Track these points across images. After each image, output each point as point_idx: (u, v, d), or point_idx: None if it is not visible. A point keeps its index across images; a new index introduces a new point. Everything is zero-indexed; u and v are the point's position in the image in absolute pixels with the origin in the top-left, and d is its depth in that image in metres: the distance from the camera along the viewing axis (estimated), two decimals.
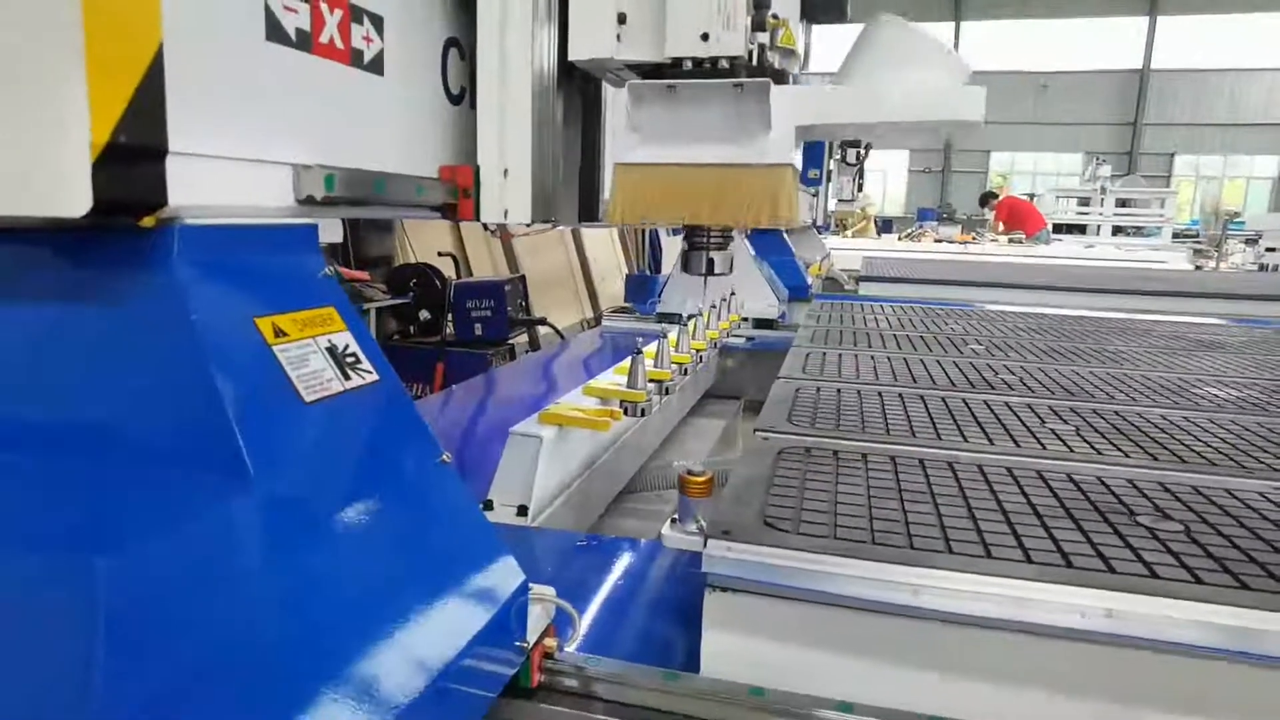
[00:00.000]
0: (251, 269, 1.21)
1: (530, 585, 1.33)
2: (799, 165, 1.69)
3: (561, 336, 7.94)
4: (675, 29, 1.45)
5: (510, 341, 7.88)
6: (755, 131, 1.49)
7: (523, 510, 2.06)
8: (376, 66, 1.47)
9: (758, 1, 1.45)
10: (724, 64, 1.48)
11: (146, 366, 1.07)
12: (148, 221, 1.07)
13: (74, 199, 0.95)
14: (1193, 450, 1.94)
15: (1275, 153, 33.94)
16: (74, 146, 0.94)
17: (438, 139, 1.66)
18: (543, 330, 8.52)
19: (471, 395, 3.53)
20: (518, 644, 1.28)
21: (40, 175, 0.95)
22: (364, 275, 7.77)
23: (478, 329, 7.72)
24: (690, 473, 1.67)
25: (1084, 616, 1.19)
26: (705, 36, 1.43)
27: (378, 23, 1.46)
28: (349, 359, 1.26)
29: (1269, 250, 16.46)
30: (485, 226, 9.18)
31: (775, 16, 1.51)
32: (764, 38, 1.52)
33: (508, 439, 2.15)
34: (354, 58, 1.40)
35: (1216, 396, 2.54)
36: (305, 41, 1.28)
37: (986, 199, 17.90)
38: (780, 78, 1.54)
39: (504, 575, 1.28)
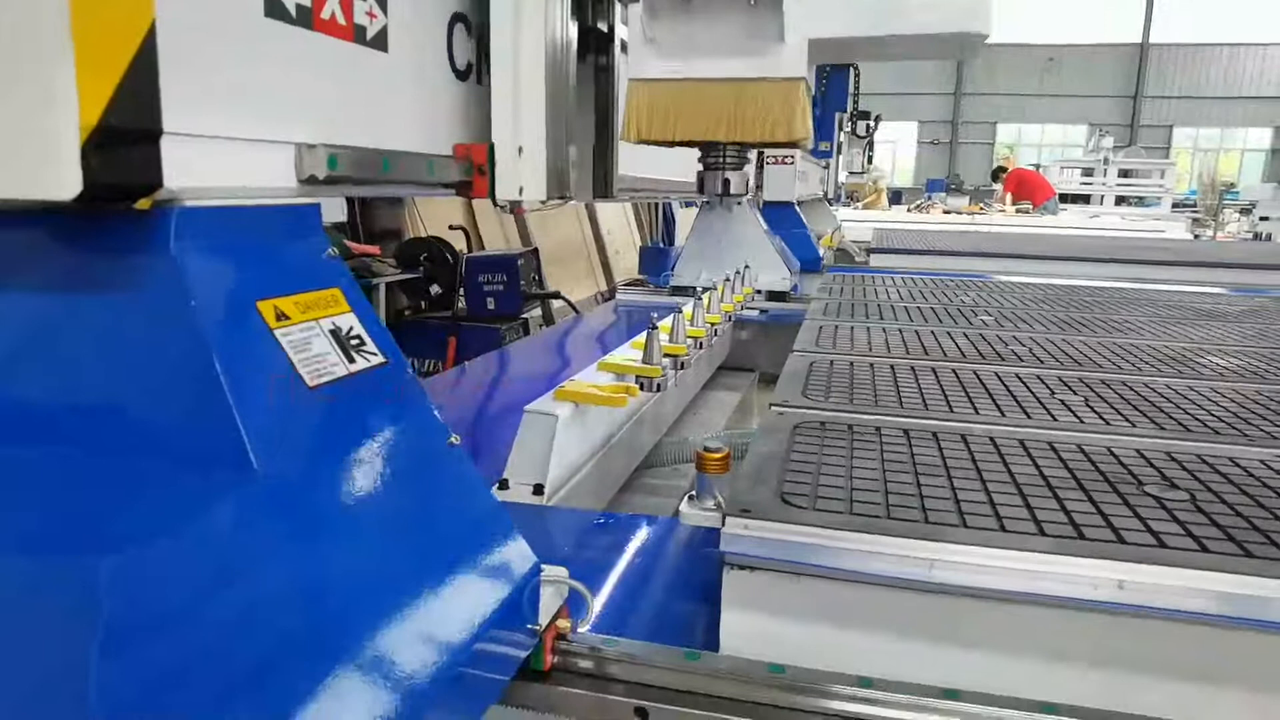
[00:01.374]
0: (253, 251, 1.18)
1: (543, 567, 1.33)
2: (812, 83, 1.71)
3: (576, 310, 7.95)
4: None
5: (524, 316, 7.87)
6: (769, 44, 1.51)
7: (538, 489, 2.07)
8: (380, 43, 1.44)
9: None
10: None
11: (144, 352, 1.05)
12: (143, 204, 1.05)
13: (64, 182, 0.92)
14: (1196, 419, 1.97)
15: (1269, 124, 34.10)
16: (63, 128, 0.92)
17: (445, 115, 1.65)
18: (556, 304, 8.51)
19: (485, 372, 3.55)
20: (530, 626, 1.27)
21: (29, 157, 0.93)
22: (374, 250, 7.77)
23: (490, 303, 7.71)
24: (707, 449, 1.70)
25: (1096, 588, 1.22)
26: None
27: None
28: (353, 341, 1.24)
29: (1263, 219, 16.62)
30: (494, 202, 9.17)
31: None
32: None
33: (523, 417, 2.16)
34: (357, 34, 1.38)
35: (1218, 365, 2.58)
36: (306, 18, 1.26)
37: (998, 173, 17.94)
38: None
39: (515, 558, 1.27)
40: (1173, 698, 1.23)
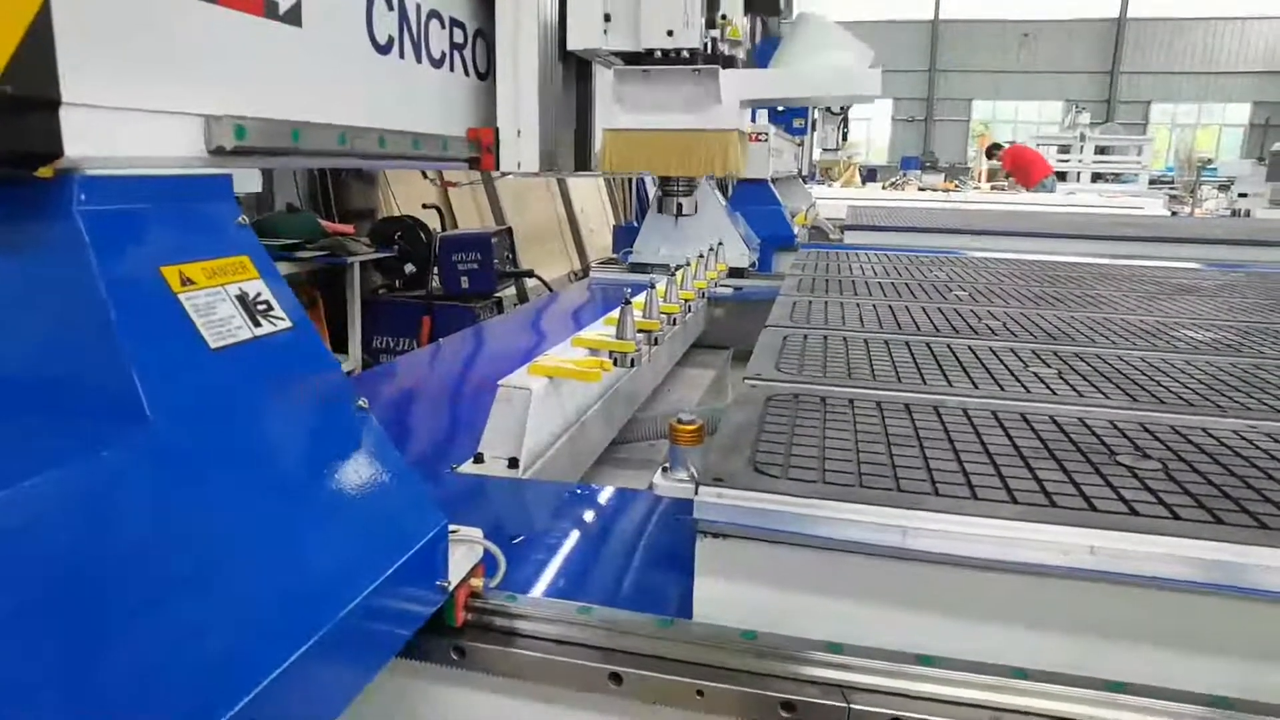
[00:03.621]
0: (159, 219, 1.21)
1: (457, 527, 1.37)
2: (745, 129, 2.08)
3: (550, 289, 7.94)
4: (648, 27, 1.82)
5: (498, 294, 7.88)
6: (709, 104, 1.84)
7: (513, 462, 2.08)
8: (293, 17, 1.44)
9: (710, 4, 1.80)
10: (685, 54, 1.84)
11: (46, 313, 1.07)
12: (45, 172, 1.07)
13: None
14: (1170, 391, 1.98)
15: (1247, 100, 34.25)
16: None
17: (364, 88, 1.66)
18: (530, 283, 8.51)
19: (460, 349, 3.55)
20: (439, 583, 1.31)
21: None
22: (347, 229, 7.73)
23: (464, 282, 7.70)
24: (680, 421, 1.70)
25: (1067, 554, 1.23)
26: (670, 33, 1.79)
27: None
28: (260, 306, 1.27)
29: (1241, 196, 16.69)
30: (438, 180, 9.17)
31: (724, 16, 1.86)
32: (715, 32, 1.90)
33: (497, 391, 2.17)
34: (267, 8, 1.38)
35: (1193, 339, 2.59)
36: None
37: (993, 151, 17.96)
38: (729, 62, 1.88)
39: (423, 517, 1.30)
40: (1143, 662, 1.24)
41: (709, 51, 1.84)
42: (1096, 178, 19.15)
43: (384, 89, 1.69)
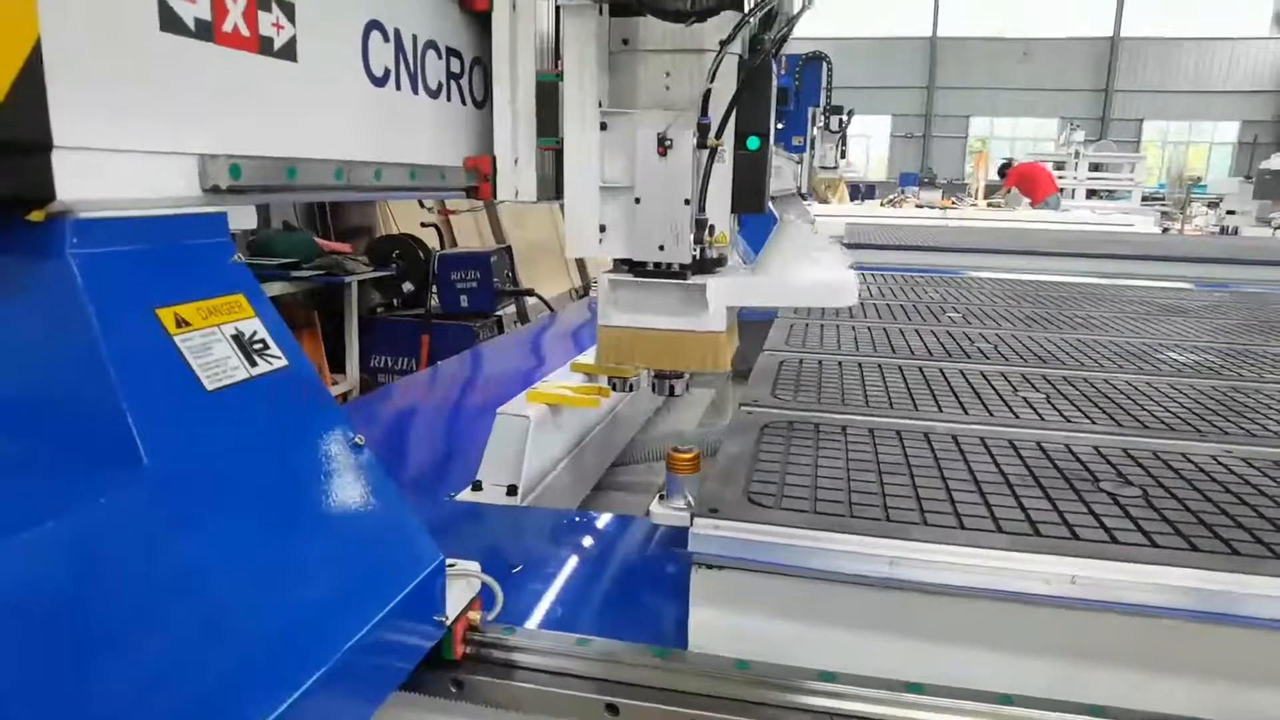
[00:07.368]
0: (153, 260, 1.19)
1: (454, 561, 1.39)
2: (731, 325, 2.18)
3: (549, 308, 7.94)
4: (640, 239, 1.90)
5: (497, 313, 7.87)
6: (697, 309, 1.93)
7: (512, 490, 2.12)
8: (289, 53, 1.42)
9: (699, 222, 1.86)
10: (675, 266, 1.93)
11: (41, 359, 1.07)
12: (37, 216, 1.06)
13: None
14: (1153, 415, 2.03)
15: (1236, 119, 34.43)
16: None
17: (361, 121, 1.65)
18: (530, 301, 8.51)
19: (458, 373, 3.57)
20: (436, 618, 1.33)
21: None
22: (345, 247, 7.71)
23: (464, 301, 7.68)
24: (677, 450, 1.74)
25: (1050, 584, 1.27)
26: (661, 247, 1.88)
27: (288, 9, 1.40)
28: (256, 345, 1.27)
29: (1229, 213, 16.79)
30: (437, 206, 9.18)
31: (711, 229, 1.91)
32: (704, 243, 1.95)
33: (495, 419, 2.20)
34: (261, 45, 1.35)
35: (1177, 361, 2.64)
36: (206, 31, 1.24)
37: (1003, 169, 17.93)
38: (720, 263, 1.97)
39: (420, 553, 1.32)
40: (1125, 686, 1.28)
41: (698, 258, 1.92)
42: (1091, 194, 19.20)
43: (381, 121, 1.69)
